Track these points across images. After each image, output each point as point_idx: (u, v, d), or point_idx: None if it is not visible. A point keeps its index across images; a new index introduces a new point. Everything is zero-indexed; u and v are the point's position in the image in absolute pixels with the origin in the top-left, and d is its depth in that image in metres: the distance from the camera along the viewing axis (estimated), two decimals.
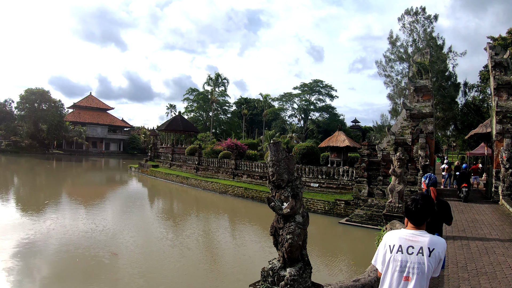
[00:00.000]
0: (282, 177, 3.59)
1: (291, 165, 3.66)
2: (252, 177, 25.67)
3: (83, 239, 12.37)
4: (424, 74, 16.75)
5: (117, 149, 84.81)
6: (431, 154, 18.99)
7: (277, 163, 3.60)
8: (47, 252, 11.04)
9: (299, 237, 3.52)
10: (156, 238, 13.58)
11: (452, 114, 34.43)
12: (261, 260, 9.92)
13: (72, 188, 28.50)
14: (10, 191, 25.19)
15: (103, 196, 24.72)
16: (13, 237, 12.07)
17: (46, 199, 20.87)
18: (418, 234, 2.55)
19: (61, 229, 13.53)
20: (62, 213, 17.01)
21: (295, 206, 3.55)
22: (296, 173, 3.84)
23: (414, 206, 2.61)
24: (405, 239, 2.55)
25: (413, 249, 2.49)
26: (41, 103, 66.90)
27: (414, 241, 2.52)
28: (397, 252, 2.54)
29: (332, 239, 15.42)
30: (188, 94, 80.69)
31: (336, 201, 18.73)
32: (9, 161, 51.16)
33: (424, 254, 2.45)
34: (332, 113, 71.93)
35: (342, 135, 25.04)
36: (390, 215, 9.88)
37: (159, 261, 10.75)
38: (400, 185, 10.06)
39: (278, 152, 3.61)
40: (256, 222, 18.08)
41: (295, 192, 3.62)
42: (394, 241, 2.60)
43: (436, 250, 2.47)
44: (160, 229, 15.46)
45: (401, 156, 10.71)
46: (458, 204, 14.16)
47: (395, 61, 35.12)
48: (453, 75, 34.22)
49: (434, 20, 33.54)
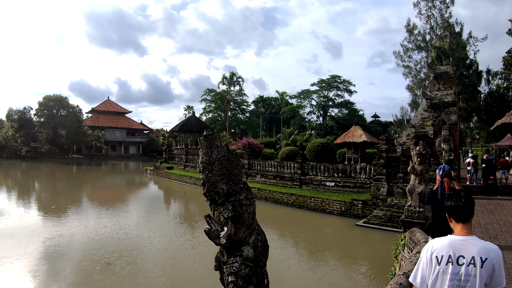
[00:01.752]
0: (217, 188, 2.52)
1: (233, 169, 2.59)
2: (265, 176, 24.80)
3: (104, 243, 12.45)
4: (444, 60, 15.35)
5: (136, 152, 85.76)
6: (455, 148, 17.60)
7: (208, 167, 2.55)
8: (73, 255, 11.20)
9: (247, 280, 2.46)
10: (173, 242, 12.98)
11: (475, 104, 32.40)
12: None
13: (86, 192, 28.45)
14: (32, 196, 25.95)
15: (115, 200, 24.43)
16: (38, 240, 12.50)
17: (64, 203, 21.29)
18: (469, 241, 2.26)
19: (80, 233, 13.69)
20: (78, 217, 16.78)
21: (236, 234, 2.44)
22: (242, 183, 2.68)
23: (458, 200, 2.37)
24: (455, 246, 2.25)
25: (463, 259, 2.20)
26: (59, 109, 68.27)
27: (464, 250, 2.22)
28: (446, 263, 2.23)
29: (348, 243, 14.34)
30: (205, 95, 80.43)
31: (353, 201, 17.59)
32: (30, 167, 52.19)
33: (476, 265, 2.16)
34: (351, 108, 70.09)
35: (359, 130, 23.75)
36: (409, 221, 8.54)
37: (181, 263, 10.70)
38: (421, 185, 8.72)
39: (211, 150, 2.56)
40: (268, 224, 17.25)
41: (237, 212, 2.48)
42: (442, 251, 2.27)
43: (490, 260, 2.15)
44: (174, 233, 14.84)
45: (422, 151, 9.25)
46: (487, 203, 12.84)
47: (413, 50, 33.32)
48: (475, 62, 32.14)
49: (450, 3, 31.57)
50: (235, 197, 2.55)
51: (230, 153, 2.65)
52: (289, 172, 22.96)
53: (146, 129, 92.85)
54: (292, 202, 20.18)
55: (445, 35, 16.46)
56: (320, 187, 20.70)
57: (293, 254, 12.46)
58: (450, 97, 15.74)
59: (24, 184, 32.90)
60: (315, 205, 18.90)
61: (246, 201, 2.54)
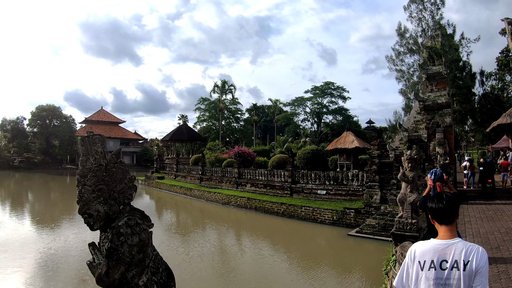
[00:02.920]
0: (90, 209, 1.87)
1: (115, 183, 1.96)
2: (256, 186, 23.91)
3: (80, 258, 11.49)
4: (437, 60, 14.65)
5: (131, 161, 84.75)
6: (451, 151, 16.81)
7: (81, 179, 1.96)
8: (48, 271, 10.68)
9: None
10: None
11: (470, 107, 31.78)
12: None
13: (74, 203, 27.43)
14: (25, 207, 25.79)
15: None
16: (33, 251, 12.45)
17: (50, 215, 20.81)
18: (451, 244, 2.20)
19: (58, 247, 12.38)
20: (60, 230, 15.82)
21: (108, 274, 1.73)
22: (128, 204, 1.99)
23: (440, 202, 2.31)
24: (438, 251, 2.20)
25: (446, 264, 2.15)
26: (52, 119, 67.53)
27: (447, 254, 2.17)
28: (429, 269, 2.19)
29: (340, 254, 13.44)
30: (199, 104, 79.89)
31: (345, 209, 16.73)
32: (23, 177, 51.29)
33: (459, 268, 2.11)
34: (346, 115, 69.75)
35: (350, 135, 22.99)
36: (401, 234, 7.53)
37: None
38: (413, 194, 7.76)
39: (87, 157, 2.00)
40: (257, 235, 16.34)
41: (113, 244, 1.79)
42: (425, 256, 2.24)
43: (472, 262, 2.09)
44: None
45: (413, 155, 8.42)
46: (486, 209, 12.04)
47: (405, 54, 32.78)
48: (468, 64, 31.65)
49: (441, 4, 31.17)
50: (116, 222, 1.84)
51: (114, 161, 1.85)
52: (279, 180, 22.10)
53: (140, 139, 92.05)
54: (282, 212, 19.30)
55: (437, 34, 15.80)
56: (312, 196, 19.83)
57: (281, 265, 11.56)
58: (444, 98, 15.01)
59: (15, 195, 31.96)
60: (306, 214, 18.03)
61: (127, 229, 1.81)
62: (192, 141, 45.42)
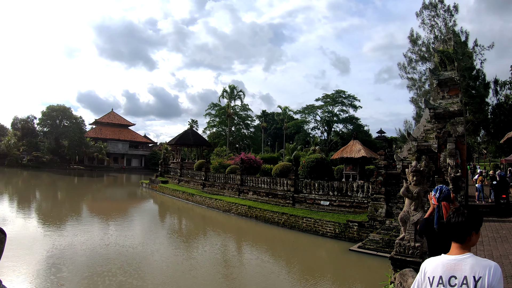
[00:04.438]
0: None
1: None
2: (258, 194, 23.16)
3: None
4: (449, 65, 13.71)
5: (139, 164, 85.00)
6: (463, 163, 15.81)
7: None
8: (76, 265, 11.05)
9: None
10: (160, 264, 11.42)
11: (483, 117, 30.46)
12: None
13: (75, 205, 27.08)
14: (32, 206, 25.83)
15: (102, 215, 22.96)
16: (39, 250, 12.41)
17: (52, 215, 20.59)
18: (461, 259, 2.12)
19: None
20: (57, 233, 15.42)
21: None
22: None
23: (456, 216, 2.26)
24: (447, 267, 2.13)
25: (455, 280, 2.06)
26: (62, 120, 68.04)
27: (456, 270, 2.09)
28: (437, 285, 2.12)
29: (339, 271, 12.53)
30: (210, 109, 79.87)
31: (348, 222, 15.84)
32: (31, 176, 51.61)
33: (469, 284, 2.00)
34: (356, 124, 68.80)
35: (357, 144, 22.09)
36: (401, 259, 6.52)
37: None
38: (417, 212, 6.75)
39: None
40: (252, 246, 15.57)
41: None
42: (434, 271, 2.17)
43: (484, 278, 1.96)
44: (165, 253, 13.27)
45: (419, 167, 7.45)
46: (500, 227, 11.11)
47: (417, 61, 31.77)
48: (481, 73, 30.41)
49: (454, 11, 30.14)
50: None
51: None
52: (282, 189, 21.32)
53: (149, 142, 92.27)
54: (283, 222, 18.50)
55: (449, 38, 14.77)
56: (314, 206, 18.98)
57: (276, 279, 10.77)
58: (456, 106, 14.01)
59: (21, 194, 32.02)
60: (307, 226, 17.20)
61: None
62: (198, 146, 45.01)
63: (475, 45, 30.05)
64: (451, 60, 13.59)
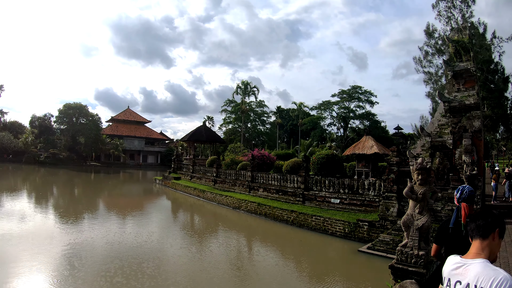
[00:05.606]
0: None
1: None
2: (268, 190, 22.89)
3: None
4: (464, 55, 12.90)
5: (155, 161, 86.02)
6: (479, 160, 15.01)
7: None
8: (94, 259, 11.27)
9: None
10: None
11: (502, 112, 29.04)
12: None
13: (89, 200, 27.50)
14: (50, 202, 26.20)
15: (113, 210, 23.19)
16: (59, 243, 12.74)
17: (64, 211, 20.86)
18: (470, 264, 1.98)
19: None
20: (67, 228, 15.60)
21: None
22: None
23: (480, 214, 2.16)
24: (454, 270, 2.05)
25: (460, 285, 1.97)
26: (79, 117, 69.32)
27: (463, 274, 1.98)
28: (446, 287, 2.09)
29: (346, 274, 12.13)
30: (226, 106, 79.94)
31: (358, 222, 15.37)
32: (48, 172, 52.85)
33: None
34: (373, 120, 67.33)
35: (370, 140, 21.45)
36: (402, 268, 5.89)
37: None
38: (422, 216, 6.01)
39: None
40: (260, 245, 15.33)
41: None
42: (445, 271, 2.15)
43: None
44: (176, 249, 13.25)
45: (424, 164, 6.52)
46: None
47: (433, 55, 30.56)
48: (500, 66, 28.97)
49: (471, 2, 28.69)
50: None
51: None
52: (292, 186, 20.97)
53: (165, 139, 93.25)
54: (292, 220, 18.17)
55: (464, 27, 13.87)
56: (324, 204, 18.57)
57: (281, 279, 10.50)
58: (472, 99, 13.21)
59: (39, 190, 32.76)
60: (316, 224, 16.82)
61: None
62: (211, 142, 45.01)
63: (493, 37, 28.66)
64: (467, 50, 12.78)
